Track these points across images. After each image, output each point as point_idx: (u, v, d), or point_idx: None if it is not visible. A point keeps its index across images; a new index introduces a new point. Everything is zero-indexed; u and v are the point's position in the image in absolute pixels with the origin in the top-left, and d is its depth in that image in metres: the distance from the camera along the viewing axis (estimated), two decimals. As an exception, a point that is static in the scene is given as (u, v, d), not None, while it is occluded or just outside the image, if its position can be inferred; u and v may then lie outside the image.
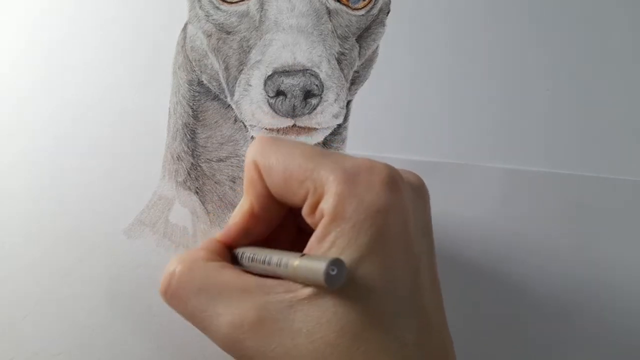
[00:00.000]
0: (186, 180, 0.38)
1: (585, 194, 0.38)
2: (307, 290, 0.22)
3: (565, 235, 0.37)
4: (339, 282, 0.21)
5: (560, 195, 0.38)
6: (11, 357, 0.34)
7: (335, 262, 0.21)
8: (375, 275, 0.22)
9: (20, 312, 0.34)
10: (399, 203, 0.23)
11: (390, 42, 0.38)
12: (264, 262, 0.24)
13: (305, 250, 0.23)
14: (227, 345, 0.23)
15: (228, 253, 0.27)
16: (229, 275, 0.24)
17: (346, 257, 0.22)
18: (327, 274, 0.20)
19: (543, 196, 0.37)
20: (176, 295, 0.24)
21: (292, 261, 0.22)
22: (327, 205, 0.22)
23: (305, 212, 0.24)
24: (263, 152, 0.25)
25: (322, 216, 0.23)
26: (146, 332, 0.35)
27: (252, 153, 0.26)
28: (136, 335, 0.35)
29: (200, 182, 0.38)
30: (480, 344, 0.37)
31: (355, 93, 0.38)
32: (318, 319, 0.21)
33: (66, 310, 0.35)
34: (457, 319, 0.36)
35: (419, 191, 0.26)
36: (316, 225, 0.23)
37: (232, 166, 0.38)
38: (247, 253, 0.26)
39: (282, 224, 0.28)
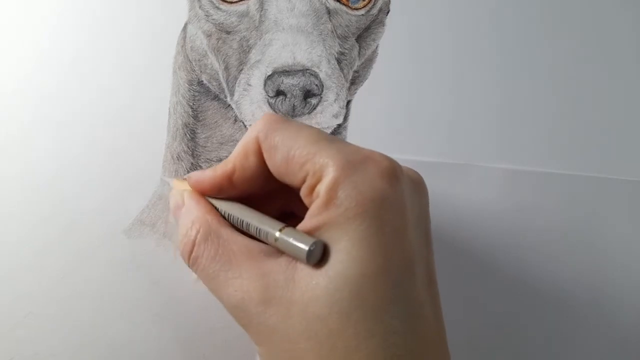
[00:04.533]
0: (186, 180, 0.38)
1: (585, 194, 0.38)
2: (305, 266, 0.23)
3: (565, 235, 0.37)
4: (315, 259, 0.22)
5: (560, 195, 0.38)
6: (11, 357, 0.34)
7: (316, 243, 0.22)
8: (367, 259, 0.22)
9: (20, 312, 0.34)
10: (396, 195, 0.23)
11: (390, 42, 0.38)
12: (241, 224, 0.26)
13: (300, 228, 0.24)
14: (234, 308, 0.24)
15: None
16: (238, 243, 0.25)
17: (335, 239, 0.22)
18: (309, 252, 0.22)
19: (543, 196, 0.38)
20: (195, 263, 0.26)
21: (272, 232, 0.24)
22: (322, 188, 0.23)
23: (303, 192, 0.24)
24: (268, 130, 0.25)
25: (316, 198, 0.23)
26: (146, 331, 0.35)
27: (256, 129, 0.26)
28: (136, 335, 0.35)
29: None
30: (479, 342, 0.37)
31: (355, 93, 0.38)
32: (312, 293, 0.22)
33: (66, 310, 0.35)
34: (456, 317, 0.36)
35: (418, 186, 0.26)
36: (310, 205, 0.24)
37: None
38: (222, 207, 0.27)
39: (265, 200, 0.29)
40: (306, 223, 0.23)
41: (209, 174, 0.27)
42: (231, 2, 0.37)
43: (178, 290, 0.35)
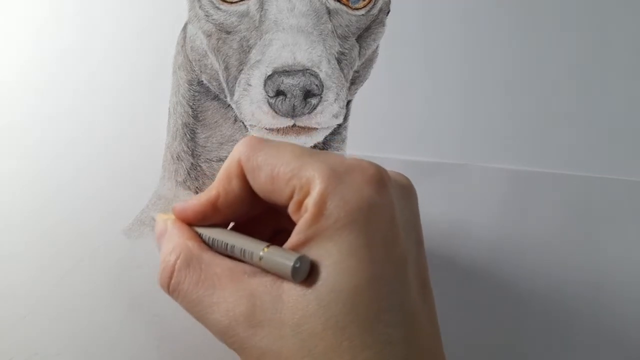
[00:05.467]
0: (186, 180, 0.38)
1: (585, 194, 0.38)
2: (293, 284, 0.22)
3: (565, 235, 0.37)
4: (302, 276, 0.22)
5: (559, 195, 0.38)
6: (11, 357, 0.34)
7: (300, 259, 0.22)
8: (358, 270, 0.22)
9: (20, 312, 0.34)
10: (384, 201, 0.23)
11: (390, 42, 0.38)
12: (226, 247, 0.25)
13: (287, 245, 0.23)
14: (222, 334, 0.23)
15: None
16: (221, 265, 0.25)
17: (325, 252, 0.22)
18: (294, 269, 0.22)
19: (543, 196, 0.37)
20: (176, 290, 0.25)
21: (257, 252, 0.24)
22: (310, 201, 0.23)
23: (291, 209, 0.24)
24: (250, 152, 0.25)
25: (304, 213, 0.23)
26: (146, 331, 0.35)
27: (238, 152, 0.26)
28: (136, 335, 0.35)
29: (200, 182, 0.38)
30: (476, 345, 0.37)
31: (355, 93, 0.38)
32: (304, 311, 0.22)
33: (66, 310, 0.35)
34: (455, 318, 0.36)
35: (407, 191, 0.26)
36: (299, 221, 0.24)
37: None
38: (206, 234, 0.27)
39: (256, 223, 0.29)
40: (293, 239, 0.23)
41: (192, 202, 0.27)
42: (231, 2, 0.37)
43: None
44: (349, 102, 0.38)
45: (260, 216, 0.28)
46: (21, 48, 0.37)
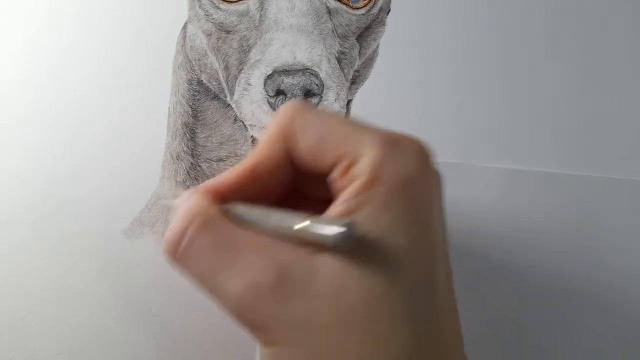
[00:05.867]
0: (186, 180, 0.38)
1: (585, 194, 0.38)
2: (330, 254, 0.20)
3: (565, 235, 0.37)
4: (349, 244, 0.20)
5: (560, 195, 0.38)
6: (11, 357, 0.34)
7: (349, 224, 0.20)
8: (403, 246, 0.21)
9: (20, 312, 0.34)
10: (430, 176, 0.23)
11: (390, 41, 0.38)
12: (259, 220, 0.22)
13: (330, 212, 0.21)
14: (239, 309, 0.21)
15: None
16: (246, 233, 0.22)
17: (378, 222, 0.21)
18: (342, 235, 0.20)
19: (543, 196, 0.38)
20: (187, 255, 0.22)
21: (298, 221, 0.21)
22: (362, 167, 0.21)
23: (336, 174, 0.22)
24: (298, 112, 0.24)
25: (352, 180, 0.21)
26: (146, 331, 0.35)
27: (283, 114, 0.24)
28: (136, 335, 0.35)
29: (200, 181, 0.38)
30: (479, 344, 0.37)
31: (356, 92, 0.38)
32: (341, 283, 0.20)
33: (66, 310, 0.35)
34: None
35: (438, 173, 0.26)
36: (344, 189, 0.22)
37: (232, 165, 0.38)
38: (238, 209, 0.23)
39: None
40: (340, 207, 0.21)
41: (225, 174, 0.24)
42: (231, 2, 0.36)
43: (177, 290, 0.35)
44: (349, 102, 0.38)
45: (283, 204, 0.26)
46: (21, 47, 0.37)
